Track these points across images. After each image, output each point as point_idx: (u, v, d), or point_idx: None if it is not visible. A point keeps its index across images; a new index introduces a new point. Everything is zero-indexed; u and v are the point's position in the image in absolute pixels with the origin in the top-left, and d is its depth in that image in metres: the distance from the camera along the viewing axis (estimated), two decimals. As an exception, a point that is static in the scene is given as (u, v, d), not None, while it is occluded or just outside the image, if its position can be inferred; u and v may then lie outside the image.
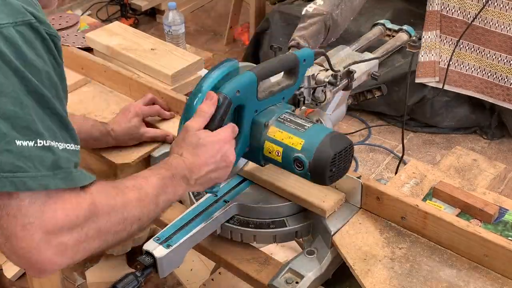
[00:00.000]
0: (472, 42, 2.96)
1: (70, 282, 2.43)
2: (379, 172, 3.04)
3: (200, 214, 1.30)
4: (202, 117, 1.14)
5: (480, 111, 3.20)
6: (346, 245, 1.26)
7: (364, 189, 1.32)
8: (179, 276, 2.31)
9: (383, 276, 1.19)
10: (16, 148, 0.86)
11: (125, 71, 1.84)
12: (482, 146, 3.20)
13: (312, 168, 1.18)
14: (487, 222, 1.33)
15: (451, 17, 2.96)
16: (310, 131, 1.20)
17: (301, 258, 1.29)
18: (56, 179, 0.89)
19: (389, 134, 3.30)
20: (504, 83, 2.94)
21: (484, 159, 1.67)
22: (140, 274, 1.16)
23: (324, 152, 1.17)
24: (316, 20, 1.54)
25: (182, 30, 3.78)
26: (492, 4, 2.81)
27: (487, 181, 1.59)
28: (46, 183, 0.88)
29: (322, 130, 1.21)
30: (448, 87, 3.09)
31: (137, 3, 4.33)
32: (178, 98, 1.66)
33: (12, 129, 0.86)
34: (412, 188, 1.44)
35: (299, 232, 1.36)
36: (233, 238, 1.36)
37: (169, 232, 1.24)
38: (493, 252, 1.17)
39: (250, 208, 1.35)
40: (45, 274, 0.92)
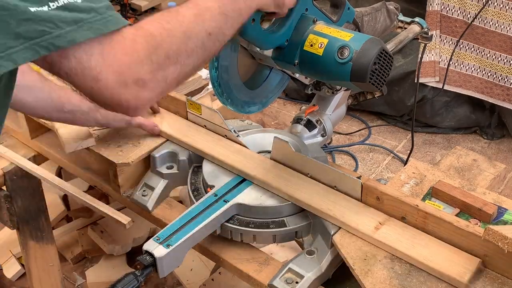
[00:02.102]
0: (472, 42, 2.96)
1: (70, 282, 2.43)
2: (379, 172, 3.04)
3: (200, 214, 1.30)
4: None
5: (480, 111, 3.20)
6: (346, 245, 1.26)
7: (364, 189, 1.32)
8: (179, 276, 2.31)
9: (383, 276, 1.19)
10: (33, 15, 0.87)
11: (125, 71, 1.83)
12: (482, 146, 3.20)
13: (356, 58, 1.19)
14: (486, 222, 1.33)
15: (451, 17, 2.96)
16: (358, 34, 1.24)
17: (301, 258, 1.29)
18: (82, 31, 0.90)
19: (389, 134, 3.30)
20: (504, 83, 2.94)
21: (484, 159, 1.67)
22: (140, 274, 1.16)
23: (372, 44, 1.19)
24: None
25: (182, 30, 3.78)
26: (492, 4, 2.81)
27: (487, 181, 1.59)
28: (72, 38, 0.89)
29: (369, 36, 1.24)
30: (448, 87, 3.09)
31: (137, 3, 4.33)
32: (178, 98, 1.66)
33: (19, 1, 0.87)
34: (412, 188, 1.44)
35: (299, 232, 1.36)
36: (233, 238, 1.36)
37: (169, 232, 1.24)
38: (493, 252, 1.17)
39: (250, 208, 1.35)
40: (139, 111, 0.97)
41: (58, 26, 0.88)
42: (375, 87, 1.22)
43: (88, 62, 0.90)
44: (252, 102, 1.47)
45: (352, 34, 1.23)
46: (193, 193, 1.42)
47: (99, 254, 2.45)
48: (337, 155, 3.18)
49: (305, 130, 1.53)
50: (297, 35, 1.27)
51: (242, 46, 1.36)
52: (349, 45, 1.19)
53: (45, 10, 0.88)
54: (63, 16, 0.89)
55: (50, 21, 0.88)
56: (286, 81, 1.50)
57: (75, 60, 0.90)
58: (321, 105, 1.54)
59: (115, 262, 2.39)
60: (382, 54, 1.20)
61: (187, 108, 1.63)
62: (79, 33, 0.89)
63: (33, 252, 1.85)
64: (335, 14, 1.35)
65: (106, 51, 0.91)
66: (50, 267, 1.92)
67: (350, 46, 1.19)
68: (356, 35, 1.23)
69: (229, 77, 1.37)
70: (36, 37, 0.88)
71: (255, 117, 2.49)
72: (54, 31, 0.88)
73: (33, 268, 1.89)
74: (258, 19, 1.20)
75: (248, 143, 1.52)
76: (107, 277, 2.34)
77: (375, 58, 1.18)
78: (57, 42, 0.88)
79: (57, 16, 0.89)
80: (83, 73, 0.91)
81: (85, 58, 0.90)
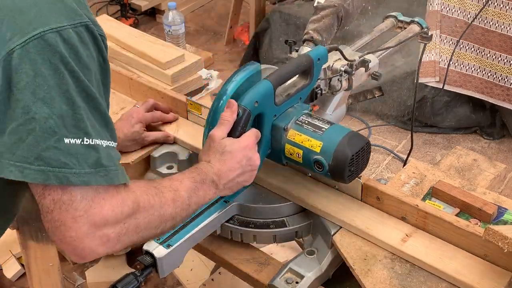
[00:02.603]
0: (472, 42, 2.96)
1: (70, 282, 2.43)
2: (379, 172, 3.04)
3: (200, 214, 1.29)
4: (225, 126, 1.21)
5: (480, 111, 3.20)
6: (346, 245, 1.26)
7: (364, 189, 1.32)
8: (179, 276, 2.31)
9: (383, 276, 1.19)
10: (64, 146, 0.92)
11: (125, 71, 1.84)
12: (482, 146, 3.20)
13: (331, 169, 1.23)
14: (486, 222, 1.33)
15: (451, 17, 2.96)
16: (328, 133, 1.25)
17: (301, 258, 1.29)
18: (97, 176, 0.95)
19: (389, 134, 3.29)
20: (504, 83, 2.94)
21: (484, 159, 1.67)
22: (140, 274, 1.16)
23: (342, 153, 1.21)
24: (328, 12, 1.55)
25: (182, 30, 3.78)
26: (492, 4, 2.81)
27: (487, 181, 1.59)
28: (88, 180, 0.95)
29: (340, 131, 1.25)
30: (448, 87, 3.09)
31: (137, 3, 4.33)
32: (178, 98, 1.66)
33: (63, 127, 0.92)
34: (412, 188, 1.44)
35: (299, 232, 1.36)
36: (233, 238, 1.36)
37: (169, 232, 1.24)
38: (493, 252, 1.17)
39: (250, 208, 1.35)
40: (86, 260, 1.00)
41: (80, 165, 0.93)
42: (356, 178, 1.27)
43: (78, 203, 0.95)
44: None
45: (321, 142, 1.24)
46: (193, 193, 1.42)
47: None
48: (337, 155, 3.18)
49: (305, 130, 1.53)
50: (276, 144, 1.30)
51: None
52: (321, 160, 1.23)
53: (77, 144, 0.93)
54: (88, 156, 0.94)
55: (75, 157, 0.93)
56: None
57: (69, 197, 0.94)
58: (321, 105, 1.54)
59: (115, 262, 2.39)
60: (354, 157, 1.22)
61: (187, 108, 1.63)
62: (95, 178, 0.95)
63: (33, 252, 1.85)
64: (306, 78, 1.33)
65: (97, 201, 0.96)
66: (50, 267, 1.92)
67: (322, 161, 1.23)
68: (326, 142, 1.24)
69: None
70: (56, 166, 0.92)
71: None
72: (75, 168, 0.93)
73: (33, 268, 1.89)
74: None
75: (248, 143, 1.52)
76: (107, 277, 2.33)
77: (349, 165, 1.22)
78: (72, 179, 0.93)
79: (83, 154, 0.93)
80: (67, 209, 0.94)
81: (78, 198, 0.95)
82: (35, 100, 0.91)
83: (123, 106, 1.73)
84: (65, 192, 0.94)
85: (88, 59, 0.97)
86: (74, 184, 0.94)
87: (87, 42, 0.97)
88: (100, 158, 0.96)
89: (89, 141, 0.95)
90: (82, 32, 0.96)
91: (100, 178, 0.96)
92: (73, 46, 0.94)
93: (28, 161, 0.92)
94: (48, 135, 0.92)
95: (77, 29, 0.95)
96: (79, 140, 0.94)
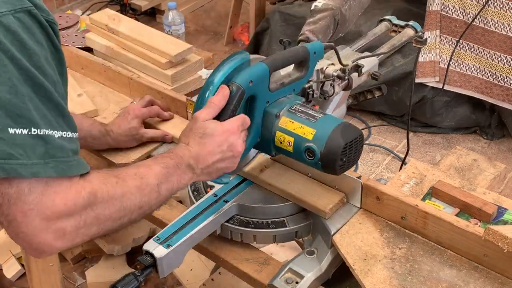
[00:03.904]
0: (472, 42, 2.96)
1: (70, 282, 2.43)
2: (379, 172, 3.04)
3: (200, 214, 1.30)
4: (211, 108, 1.15)
5: (480, 111, 3.20)
6: (346, 245, 1.26)
7: (364, 189, 1.32)
8: (179, 276, 2.31)
9: (383, 276, 1.19)
10: (8, 136, 0.88)
11: (125, 71, 1.84)
12: (482, 146, 3.20)
13: (323, 157, 1.19)
14: (486, 222, 1.33)
15: (451, 17, 2.96)
16: (321, 122, 1.22)
17: (301, 258, 1.29)
18: (47, 168, 0.91)
19: (389, 134, 3.29)
20: (504, 83, 2.94)
21: (484, 159, 1.67)
22: (140, 274, 1.16)
23: (335, 142, 1.18)
24: (325, 15, 1.55)
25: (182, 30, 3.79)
26: (492, 4, 2.81)
27: (487, 181, 1.59)
28: (36, 171, 0.90)
29: (333, 121, 1.22)
30: (448, 87, 3.09)
31: (137, 3, 4.33)
32: (178, 98, 1.66)
33: (6, 117, 0.88)
34: (412, 188, 1.44)
35: (299, 232, 1.36)
36: (233, 238, 1.36)
37: (169, 232, 1.24)
38: (493, 252, 1.17)
39: (250, 208, 1.35)
40: (44, 255, 0.96)
41: (27, 155, 0.89)
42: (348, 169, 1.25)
43: (26, 196, 0.90)
44: None
45: (314, 129, 1.21)
46: (193, 193, 1.42)
47: (99, 254, 2.45)
48: (337, 155, 3.18)
49: (305, 130, 1.53)
50: (266, 132, 1.26)
51: None
52: (313, 147, 1.19)
53: (23, 134, 0.88)
54: (36, 147, 0.89)
55: (22, 147, 0.88)
56: None
57: (16, 190, 0.90)
58: (321, 105, 1.54)
59: (115, 262, 2.39)
60: (347, 147, 1.19)
61: (187, 108, 1.63)
62: (44, 169, 0.90)
63: (33, 252, 1.85)
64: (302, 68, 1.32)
65: (47, 194, 0.92)
66: (50, 267, 1.92)
67: (314, 149, 1.19)
68: (319, 129, 1.20)
69: None
70: (1, 158, 0.87)
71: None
72: (22, 159, 0.88)
73: (33, 268, 1.89)
74: None
75: (248, 143, 1.52)
76: (107, 277, 2.33)
77: (341, 155, 1.19)
78: (20, 170, 0.88)
79: (30, 144, 0.89)
80: (15, 203, 0.90)
81: (26, 192, 0.90)
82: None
83: (123, 106, 1.73)
84: (11, 185, 0.90)
85: (35, 45, 0.91)
86: (23, 176, 0.89)
87: (30, 27, 0.92)
88: (50, 149, 0.91)
89: (37, 131, 0.90)
90: (24, 17, 0.91)
91: (49, 169, 0.91)
92: (14, 33, 0.89)
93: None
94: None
95: (18, 14, 0.90)
96: (26, 130, 0.89)
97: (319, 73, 1.41)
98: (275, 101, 1.27)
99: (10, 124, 0.88)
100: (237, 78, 1.17)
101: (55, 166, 0.92)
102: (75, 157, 0.96)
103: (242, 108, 1.20)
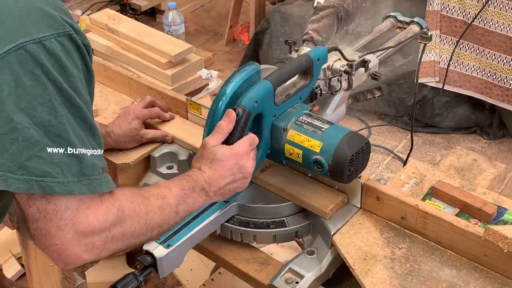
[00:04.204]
0: (472, 42, 2.96)
1: (70, 282, 2.43)
2: (379, 172, 3.04)
3: (200, 214, 1.29)
4: (219, 134, 1.21)
5: (480, 111, 3.20)
6: (346, 245, 1.26)
7: (364, 189, 1.32)
8: (179, 276, 2.31)
9: (383, 276, 1.19)
10: (46, 155, 0.93)
11: (125, 71, 1.83)
12: (482, 146, 3.20)
13: (331, 169, 1.23)
14: (486, 222, 1.33)
15: (451, 17, 2.96)
16: (328, 133, 1.25)
17: (301, 258, 1.29)
18: (81, 186, 0.96)
19: (389, 134, 3.29)
20: (504, 84, 2.94)
21: (484, 159, 1.67)
22: (140, 274, 1.16)
23: (342, 153, 1.21)
24: (328, 13, 1.55)
25: (182, 30, 3.79)
26: (492, 4, 2.81)
27: (487, 181, 1.59)
28: (71, 189, 0.95)
29: (339, 131, 1.25)
30: (448, 87, 3.09)
31: (137, 3, 4.33)
32: (178, 98, 1.66)
33: (45, 137, 0.93)
34: (412, 188, 1.44)
35: (299, 232, 1.36)
36: (233, 238, 1.36)
37: (169, 232, 1.24)
38: (493, 252, 1.17)
39: (250, 208, 1.35)
40: (71, 266, 1.02)
41: (63, 174, 0.94)
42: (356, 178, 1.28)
43: (62, 213, 0.96)
44: None
45: (321, 142, 1.24)
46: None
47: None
48: (337, 155, 3.18)
49: (305, 130, 1.53)
50: (276, 144, 1.31)
51: None
52: (321, 160, 1.23)
53: (60, 153, 0.93)
54: (71, 166, 0.94)
55: (59, 166, 0.93)
56: None
57: (53, 206, 0.96)
58: (321, 105, 1.54)
59: (115, 262, 2.39)
60: (353, 157, 1.22)
61: (187, 108, 1.63)
62: (78, 187, 0.96)
63: (33, 252, 1.85)
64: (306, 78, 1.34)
65: (81, 210, 0.98)
66: (50, 267, 1.92)
67: (322, 161, 1.23)
68: (325, 142, 1.24)
69: None
70: (39, 175, 0.93)
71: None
72: (58, 177, 0.93)
73: (33, 268, 1.89)
74: None
75: (248, 143, 1.52)
76: (107, 277, 2.33)
77: (348, 165, 1.22)
78: (56, 188, 0.94)
79: (66, 163, 0.94)
80: (51, 219, 0.96)
81: (62, 208, 0.96)
82: (17, 110, 0.92)
83: (123, 106, 1.73)
84: (49, 202, 0.95)
85: (73, 68, 0.97)
86: (58, 193, 0.94)
87: (70, 51, 0.97)
88: (83, 168, 0.97)
89: (73, 151, 0.95)
90: (64, 42, 0.96)
91: (83, 187, 0.97)
92: (56, 56, 0.94)
93: (11, 171, 0.92)
94: (31, 145, 0.92)
95: (60, 38, 0.95)
96: (62, 150, 0.94)
97: (326, 71, 1.42)
98: (283, 113, 1.30)
99: (48, 144, 0.93)
100: (242, 100, 1.21)
101: (88, 184, 0.97)
102: (104, 174, 1.01)
103: (250, 124, 1.24)
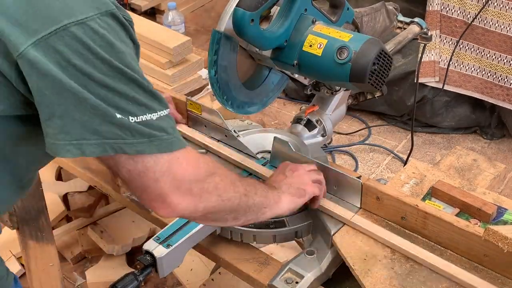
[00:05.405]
0: (472, 42, 2.96)
1: (70, 282, 2.43)
2: (379, 172, 3.04)
3: (200, 214, 1.29)
4: None
5: (480, 111, 3.20)
6: (346, 245, 1.26)
7: (364, 189, 1.32)
8: (179, 276, 2.31)
9: (383, 276, 1.19)
10: (118, 121, 0.96)
11: (125, 71, 1.83)
12: (482, 146, 3.20)
13: (356, 58, 1.20)
14: (486, 222, 1.33)
15: (451, 17, 2.96)
16: (357, 34, 1.26)
17: (301, 258, 1.29)
18: (151, 146, 0.99)
19: (389, 134, 3.29)
20: (504, 83, 2.94)
21: (484, 159, 1.67)
22: (140, 274, 1.16)
23: (371, 46, 1.20)
24: None
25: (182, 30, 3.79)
26: (492, 4, 2.81)
27: (487, 181, 1.59)
28: (141, 149, 0.98)
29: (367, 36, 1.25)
30: (448, 87, 3.09)
31: (137, 3, 4.33)
32: (178, 98, 1.66)
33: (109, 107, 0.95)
34: (412, 188, 1.44)
35: (299, 232, 1.36)
36: (233, 238, 1.36)
37: (169, 232, 1.24)
38: (493, 252, 1.17)
39: (250, 208, 1.35)
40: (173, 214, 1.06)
41: (134, 136, 0.97)
42: (374, 87, 1.23)
43: (154, 167, 1.00)
44: (251, 102, 1.47)
45: (351, 34, 1.23)
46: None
47: (99, 254, 2.45)
48: (337, 155, 3.18)
49: (305, 130, 1.53)
50: (296, 36, 1.27)
51: (241, 46, 1.36)
52: (348, 46, 1.20)
53: (127, 120, 0.96)
54: (140, 130, 0.97)
55: (129, 130, 0.97)
56: (285, 81, 1.50)
57: (142, 164, 1.00)
58: (321, 105, 1.54)
59: (115, 262, 2.39)
60: (381, 55, 1.20)
61: (187, 108, 1.63)
62: (148, 147, 0.99)
63: (33, 252, 1.85)
64: (335, 15, 1.35)
65: (173, 161, 1.02)
66: (50, 267, 1.92)
67: (349, 47, 1.20)
68: (355, 36, 1.23)
69: (228, 77, 1.37)
70: (111, 138, 0.96)
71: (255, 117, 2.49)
72: (128, 139, 0.97)
73: (33, 268, 1.89)
74: (258, 20, 1.19)
75: (248, 143, 1.52)
76: (107, 277, 2.33)
77: (374, 59, 1.19)
78: (126, 148, 0.97)
79: (135, 128, 0.97)
80: (145, 174, 1.00)
81: (152, 164, 1.00)
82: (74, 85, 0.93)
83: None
84: (136, 162, 0.99)
85: (121, 44, 0.98)
86: (129, 153, 0.98)
87: (115, 28, 0.98)
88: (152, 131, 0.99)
89: (135, 119, 0.97)
90: (108, 20, 0.97)
91: (154, 147, 0.99)
92: (102, 35, 0.95)
93: (84, 137, 0.95)
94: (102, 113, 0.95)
95: (103, 17, 0.96)
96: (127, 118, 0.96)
97: None
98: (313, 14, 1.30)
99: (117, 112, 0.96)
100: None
101: (159, 145, 1.00)
102: (174, 134, 1.03)
103: None
